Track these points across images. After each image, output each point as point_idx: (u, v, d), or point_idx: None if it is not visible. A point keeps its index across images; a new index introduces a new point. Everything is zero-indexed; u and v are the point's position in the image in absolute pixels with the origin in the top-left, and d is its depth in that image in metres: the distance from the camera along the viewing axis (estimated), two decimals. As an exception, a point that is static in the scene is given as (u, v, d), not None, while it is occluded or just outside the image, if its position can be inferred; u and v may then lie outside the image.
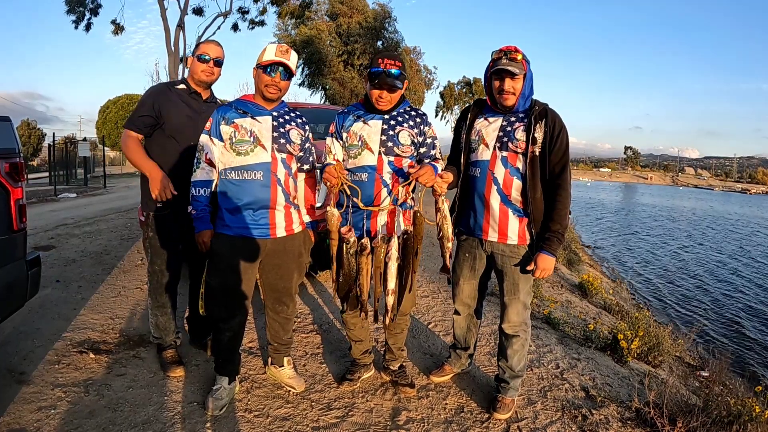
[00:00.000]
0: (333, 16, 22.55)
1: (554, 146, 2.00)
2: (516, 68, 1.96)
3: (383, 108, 2.05)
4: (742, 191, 77.63)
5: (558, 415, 2.33)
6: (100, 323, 3.01)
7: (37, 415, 1.99)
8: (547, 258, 2.03)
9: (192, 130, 2.29)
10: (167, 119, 2.26)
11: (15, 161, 1.97)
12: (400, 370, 2.44)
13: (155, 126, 2.28)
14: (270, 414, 2.14)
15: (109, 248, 5.07)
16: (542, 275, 2.06)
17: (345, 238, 1.95)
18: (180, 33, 14.58)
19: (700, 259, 13.98)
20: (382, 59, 1.99)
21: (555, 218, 2.04)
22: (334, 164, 2.02)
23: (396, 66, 1.97)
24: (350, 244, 1.95)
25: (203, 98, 2.38)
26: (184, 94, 2.33)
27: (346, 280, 2.02)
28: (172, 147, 2.29)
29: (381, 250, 1.97)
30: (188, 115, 2.30)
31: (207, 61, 2.29)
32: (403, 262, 1.99)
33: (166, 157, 2.29)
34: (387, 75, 1.96)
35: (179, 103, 2.29)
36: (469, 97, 44.57)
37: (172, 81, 2.40)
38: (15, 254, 1.98)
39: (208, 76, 2.32)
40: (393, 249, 1.96)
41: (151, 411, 2.09)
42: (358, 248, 1.94)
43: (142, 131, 2.28)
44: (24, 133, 35.80)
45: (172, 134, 2.28)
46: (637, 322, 3.77)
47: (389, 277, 1.99)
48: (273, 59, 1.96)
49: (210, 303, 2.12)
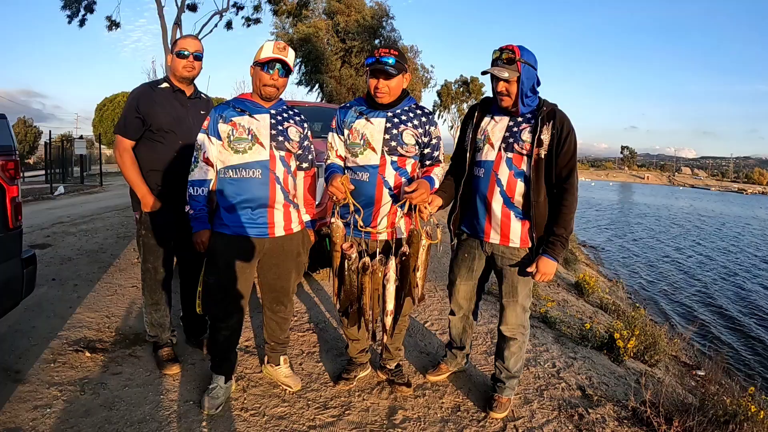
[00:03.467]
0: (331, 14, 22.49)
1: (561, 149, 1.96)
2: (506, 72, 1.92)
3: (382, 100, 2.00)
4: (738, 191, 77.97)
5: (554, 414, 2.33)
6: (95, 322, 3.00)
7: (32, 414, 1.99)
8: (549, 262, 2.00)
9: (178, 128, 2.29)
10: (153, 120, 2.25)
11: (11, 159, 1.96)
12: (397, 369, 2.44)
13: (143, 128, 2.27)
14: (266, 413, 2.14)
15: (105, 246, 5.05)
16: (542, 279, 2.03)
17: (347, 254, 1.92)
18: (177, 31, 14.55)
19: (699, 258, 14.04)
20: (378, 49, 1.98)
21: (560, 222, 2.00)
22: (341, 177, 1.95)
23: (391, 54, 1.94)
24: (352, 261, 1.93)
25: (187, 95, 2.37)
26: (167, 93, 2.32)
27: (347, 296, 2.01)
28: (160, 147, 2.29)
29: (379, 272, 1.95)
30: (173, 113, 2.29)
31: (186, 56, 2.27)
32: (401, 283, 1.97)
33: (156, 157, 2.29)
34: (380, 62, 1.92)
35: (163, 103, 2.28)
36: (466, 96, 44.58)
37: (154, 80, 2.39)
38: (10, 253, 1.97)
39: (190, 71, 2.31)
40: (391, 271, 1.95)
41: (147, 410, 2.08)
42: (359, 266, 1.92)
43: (134, 136, 2.28)
44: (20, 130, 35.63)
45: (159, 134, 2.27)
46: (633, 322, 3.79)
47: (388, 298, 1.98)
48: (271, 56, 1.95)
49: (207, 302, 2.11)
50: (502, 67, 1.94)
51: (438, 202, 2.06)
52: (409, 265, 1.94)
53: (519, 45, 1.96)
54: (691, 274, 11.75)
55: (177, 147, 2.29)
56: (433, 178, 2.06)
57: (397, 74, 1.96)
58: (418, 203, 1.90)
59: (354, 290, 1.98)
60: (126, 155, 2.27)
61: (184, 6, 14.83)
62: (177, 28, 14.59)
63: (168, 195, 2.30)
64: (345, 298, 2.03)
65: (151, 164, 2.29)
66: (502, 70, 1.93)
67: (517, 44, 1.96)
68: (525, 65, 1.93)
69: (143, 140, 2.30)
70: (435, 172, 2.10)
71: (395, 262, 1.96)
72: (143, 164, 2.30)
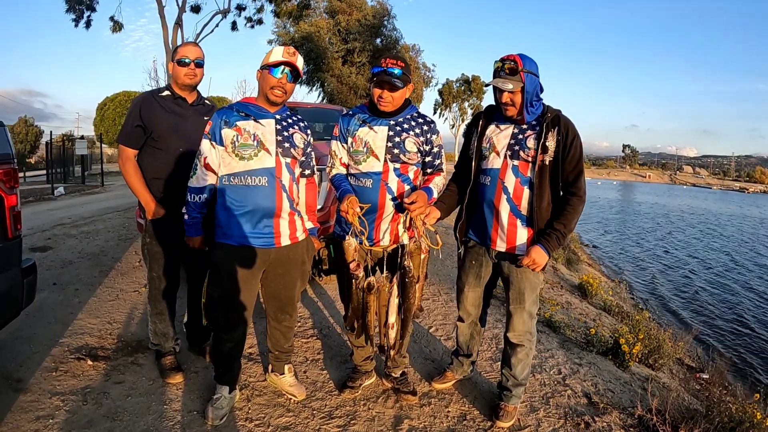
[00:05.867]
0: (332, 13, 22.40)
1: (568, 154, 1.96)
2: (510, 83, 1.91)
3: (385, 109, 2.00)
4: (740, 190, 77.85)
5: (561, 422, 2.31)
6: (97, 328, 2.98)
7: (35, 425, 1.97)
8: (542, 252, 1.96)
9: (180, 136, 2.27)
10: (154, 128, 2.24)
11: (9, 167, 1.94)
12: (402, 377, 2.42)
13: (144, 136, 2.26)
14: (271, 423, 2.12)
15: (106, 249, 5.03)
16: (531, 267, 2.00)
17: (354, 275, 1.92)
18: (178, 31, 14.52)
19: (698, 257, 14.01)
20: (385, 59, 1.96)
21: (561, 219, 2.00)
22: (349, 198, 1.93)
23: (398, 66, 1.94)
24: (359, 280, 1.93)
25: (189, 102, 2.35)
26: (168, 101, 2.30)
27: (355, 313, 2.02)
28: (161, 155, 2.27)
29: (385, 289, 1.96)
30: (174, 121, 2.27)
31: (188, 63, 2.25)
32: (402, 299, 1.97)
33: (158, 165, 2.27)
34: (386, 73, 1.92)
35: (164, 111, 2.27)
36: (467, 95, 44.52)
37: (156, 89, 2.38)
38: (9, 263, 1.94)
39: (192, 79, 2.29)
40: (393, 286, 1.96)
41: (151, 420, 2.06)
42: (365, 286, 1.92)
43: (136, 145, 2.26)
44: (21, 130, 35.58)
45: (160, 142, 2.26)
46: (637, 325, 3.76)
47: (390, 311, 1.99)
48: (280, 60, 1.92)
49: (211, 313, 2.09)
50: (506, 79, 1.93)
51: (436, 215, 2.05)
52: (410, 281, 1.94)
53: (520, 54, 1.95)
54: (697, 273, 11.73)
55: (178, 155, 2.28)
56: (432, 189, 2.07)
57: (403, 87, 1.96)
58: (416, 216, 1.90)
59: (360, 309, 1.99)
60: (129, 164, 2.27)
61: (185, 6, 14.80)
62: (178, 28, 14.55)
63: (171, 202, 2.28)
64: (352, 315, 2.05)
65: (154, 172, 2.28)
66: (506, 82, 1.92)
67: (518, 53, 1.95)
68: (528, 74, 1.92)
69: (145, 148, 2.29)
70: (435, 182, 2.11)
71: (397, 278, 1.97)
72: (146, 172, 2.29)
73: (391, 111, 2.03)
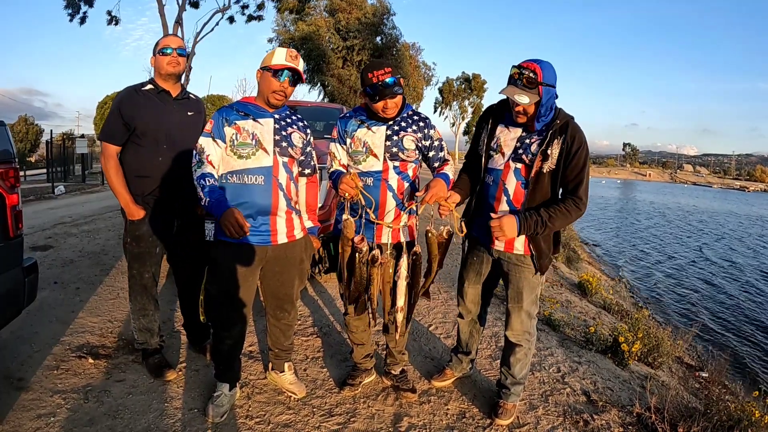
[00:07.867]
0: (332, 12, 22.39)
1: (570, 162, 1.92)
2: (526, 97, 1.82)
3: (391, 115, 2.02)
4: (740, 189, 77.78)
5: (560, 420, 2.32)
6: (98, 326, 2.99)
7: (36, 423, 1.98)
8: (513, 223, 1.90)
9: (163, 131, 2.24)
10: (137, 123, 2.20)
11: (10, 166, 1.94)
12: (402, 374, 2.43)
13: (127, 133, 2.23)
14: (271, 420, 2.13)
15: (107, 248, 5.04)
16: (495, 231, 1.94)
17: (358, 247, 1.95)
18: (178, 29, 14.51)
19: (697, 256, 14.01)
20: (372, 73, 1.89)
21: (549, 210, 1.92)
22: (350, 174, 1.96)
23: (388, 74, 1.90)
24: (363, 254, 1.95)
25: (173, 95, 2.31)
26: (152, 95, 2.27)
27: (357, 287, 2.03)
28: (144, 152, 2.24)
29: (389, 265, 1.98)
30: (158, 116, 2.24)
31: (170, 53, 2.23)
32: (412, 281, 2.01)
33: (141, 163, 2.24)
34: (384, 86, 1.90)
35: (147, 105, 2.23)
36: (467, 93, 44.51)
37: (140, 83, 2.32)
38: (11, 262, 1.95)
39: (175, 67, 2.25)
40: (402, 268, 1.97)
41: (152, 418, 2.07)
42: (369, 258, 1.95)
43: (118, 142, 2.23)
44: (21, 129, 35.58)
45: (143, 139, 2.22)
46: (637, 324, 3.77)
47: (398, 295, 2.00)
48: (283, 64, 1.92)
49: (210, 311, 2.11)
50: (522, 91, 1.84)
51: (456, 198, 2.06)
52: (420, 266, 1.99)
53: (539, 62, 1.85)
54: (697, 272, 11.74)
55: (162, 151, 2.23)
56: (448, 174, 2.09)
57: (402, 92, 1.98)
58: (437, 200, 1.93)
59: (364, 282, 2.01)
60: (111, 162, 2.22)
61: (185, 4, 14.78)
62: (178, 27, 14.54)
63: (154, 202, 2.26)
64: (355, 289, 2.05)
65: (137, 170, 2.23)
66: (522, 95, 1.83)
67: (536, 60, 1.85)
68: (546, 87, 1.83)
69: (128, 145, 2.25)
70: (447, 169, 2.13)
71: (407, 260, 1.99)
72: (129, 170, 2.24)
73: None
